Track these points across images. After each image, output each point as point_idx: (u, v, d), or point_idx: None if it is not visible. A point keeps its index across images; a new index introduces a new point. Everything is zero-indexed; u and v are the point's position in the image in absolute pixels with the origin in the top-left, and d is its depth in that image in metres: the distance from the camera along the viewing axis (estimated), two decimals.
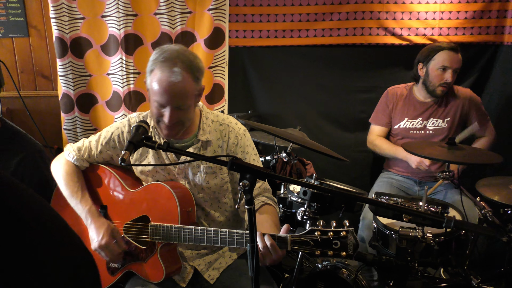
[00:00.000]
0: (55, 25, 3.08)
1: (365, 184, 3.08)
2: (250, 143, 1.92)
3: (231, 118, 1.93)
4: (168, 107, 1.67)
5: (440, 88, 2.74)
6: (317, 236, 1.49)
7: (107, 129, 1.94)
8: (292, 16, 3.33)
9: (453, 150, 2.10)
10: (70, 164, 1.91)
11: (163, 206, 1.76)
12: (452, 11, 3.29)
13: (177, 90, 1.65)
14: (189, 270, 1.86)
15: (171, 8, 3.15)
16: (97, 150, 1.92)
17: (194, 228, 1.68)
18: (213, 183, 1.86)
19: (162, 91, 1.65)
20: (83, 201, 1.83)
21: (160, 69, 1.65)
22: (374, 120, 3.04)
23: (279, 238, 1.53)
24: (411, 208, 1.93)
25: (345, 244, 1.47)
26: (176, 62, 1.64)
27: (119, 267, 1.83)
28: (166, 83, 1.64)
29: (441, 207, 1.98)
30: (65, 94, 3.22)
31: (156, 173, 1.90)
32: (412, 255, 1.97)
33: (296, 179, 2.73)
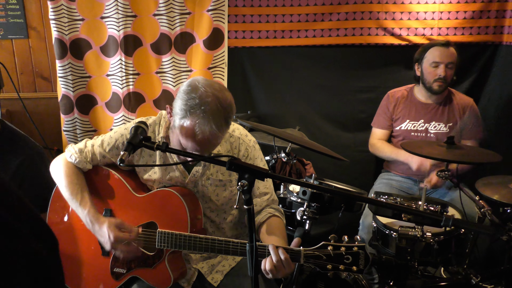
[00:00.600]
0: (55, 26, 3.09)
1: (365, 184, 3.07)
2: (259, 154, 1.91)
3: (241, 129, 1.90)
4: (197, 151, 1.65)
5: (436, 84, 2.76)
6: (329, 250, 1.51)
7: (111, 135, 1.89)
8: (291, 16, 3.33)
9: (452, 149, 2.10)
10: (71, 165, 1.87)
11: (172, 213, 1.73)
12: (451, 11, 3.29)
13: (213, 143, 1.67)
14: (193, 273, 1.86)
15: (170, 9, 3.16)
16: (101, 155, 1.88)
17: (204, 237, 1.66)
18: (222, 195, 1.85)
19: (198, 143, 1.62)
20: (82, 204, 1.79)
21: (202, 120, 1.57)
22: (375, 123, 3.04)
23: (292, 251, 1.54)
24: (410, 207, 1.93)
25: (356, 259, 1.49)
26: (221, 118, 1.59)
27: (124, 272, 1.80)
28: (204, 138, 1.60)
29: (440, 206, 1.99)
30: (64, 96, 3.22)
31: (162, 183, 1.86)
32: (412, 254, 1.97)
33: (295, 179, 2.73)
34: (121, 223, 1.74)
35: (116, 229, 1.71)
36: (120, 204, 1.85)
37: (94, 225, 1.75)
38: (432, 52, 2.76)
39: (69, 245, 1.90)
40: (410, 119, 2.87)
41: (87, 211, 1.78)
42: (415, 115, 2.86)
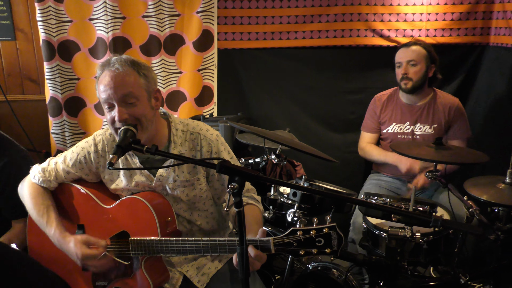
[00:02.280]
0: (42, 28, 3.06)
1: (355, 184, 3.09)
2: (225, 147, 1.87)
3: (201, 125, 1.87)
4: (115, 104, 1.64)
5: (402, 82, 2.81)
6: (299, 236, 1.47)
7: (73, 150, 1.87)
8: (281, 18, 3.34)
9: (440, 150, 2.12)
10: (35, 186, 1.86)
11: (140, 220, 1.71)
12: (439, 13, 3.33)
13: (118, 80, 1.62)
14: (178, 277, 1.84)
15: (160, 10, 3.14)
16: (64, 171, 1.86)
17: (175, 239, 1.64)
18: (192, 194, 1.83)
19: (104, 86, 1.63)
20: (48, 224, 1.76)
21: (100, 73, 1.67)
22: (364, 127, 3.08)
23: (262, 242, 1.52)
24: (400, 208, 1.94)
25: (329, 240, 1.45)
26: (114, 60, 1.66)
27: (105, 284, 1.78)
28: (107, 77, 1.63)
29: (429, 207, 2.00)
30: (52, 98, 3.19)
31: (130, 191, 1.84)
32: (401, 255, 1.98)
33: (285, 180, 2.73)
34: (87, 239, 1.71)
35: (83, 246, 1.68)
36: (90, 218, 1.82)
37: (62, 245, 1.73)
38: (397, 55, 2.86)
39: (51, 261, 1.86)
40: (396, 122, 2.90)
41: (53, 231, 1.75)
42: (401, 117, 2.89)
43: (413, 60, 2.76)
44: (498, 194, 2.04)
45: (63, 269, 1.85)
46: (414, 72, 2.77)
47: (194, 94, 3.34)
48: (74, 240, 1.70)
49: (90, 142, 1.85)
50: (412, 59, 2.76)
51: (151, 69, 1.74)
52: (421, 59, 2.76)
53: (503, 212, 2.03)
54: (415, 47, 2.79)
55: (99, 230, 1.78)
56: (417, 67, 2.76)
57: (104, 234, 1.76)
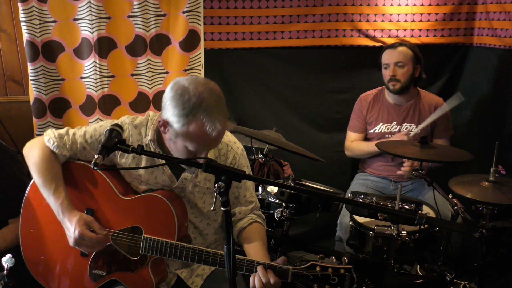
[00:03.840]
0: (26, 28, 3.01)
1: (342, 183, 3.11)
2: (246, 162, 1.89)
3: (230, 136, 1.87)
4: (203, 152, 1.63)
5: (390, 84, 2.84)
6: (317, 271, 1.53)
7: (95, 128, 1.78)
8: (267, 18, 3.34)
9: (425, 148, 2.14)
10: (48, 151, 1.75)
11: (159, 220, 1.70)
12: (423, 13, 3.37)
13: (219, 139, 1.63)
14: (172, 276, 1.83)
15: (145, 10, 3.12)
16: (81, 146, 1.77)
17: (192, 247, 1.64)
18: (208, 203, 1.83)
19: (212, 139, 1.57)
20: (56, 193, 1.70)
21: (208, 116, 1.54)
22: (350, 127, 3.09)
23: (281, 269, 1.55)
24: (386, 206, 1.96)
25: (342, 280, 1.51)
26: (223, 107, 1.60)
27: (103, 274, 1.76)
28: (218, 132, 1.55)
29: (415, 205, 2.02)
30: (37, 99, 3.15)
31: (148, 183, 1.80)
32: (388, 253, 2.00)
33: (273, 180, 2.74)
34: (92, 222, 1.68)
35: (84, 226, 1.65)
36: (103, 204, 1.77)
37: (65, 217, 1.68)
38: (383, 56, 2.88)
39: (46, 245, 1.83)
40: (383, 122, 2.92)
41: (60, 201, 1.69)
42: (388, 117, 2.91)
43: (401, 61, 2.79)
44: (482, 192, 2.07)
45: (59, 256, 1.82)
46: (402, 73, 2.79)
47: None
48: (79, 216, 1.67)
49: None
50: (399, 61, 2.79)
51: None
52: (408, 60, 2.79)
53: (487, 210, 2.06)
54: (402, 48, 2.81)
55: (110, 218, 1.75)
56: (404, 68, 2.79)
57: (115, 224, 1.73)
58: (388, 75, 2.82)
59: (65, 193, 1.73)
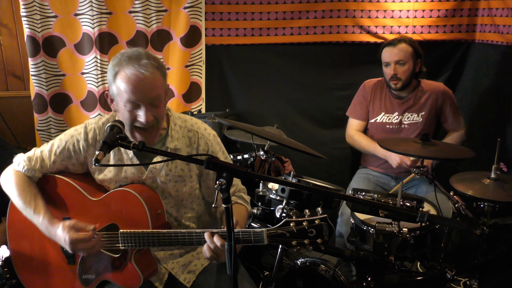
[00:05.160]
0: (27, 23, 3.01)
1: (343, 180, 3.10)
2: (220, 147, 1.90)
3: (199, 123, 1.88)
4: (142, 106, 1.63)
5: (391, 82, 2.83)
6: (292, 227, 1.51)
7: (61, 137, 1.83)
8: (269, 14, 3.33)
9: (427, 146, 2.13)
10: (20, 174, 1.80)
11: (131, 213, 1.70)
12: (425, 10, 3.35)
13: (149, 83, 1.61)
14: (164, 272, 1.83)
15: (146, 6, 3.12)
16: (50, 160, 1.81)
17: (167, 232, 1.64)
18: (182, 191, 1.83)
19: (134, 87, 1.60)
20: (36, 211, 1.73)
21: (126, 67, 1.61)
22: (351, 113, 3.06)
23: (255, 234, 1.54)
24: (387, 203, 1.96)
25: (320, 231, 1.49)
26: (142, 57, 1.62)
27: (93, 277, 1.77)
28: (136, 77, 1.59)
29: (416, 202, 2.02)
30: (38, 94, 3.15)
31: (118, 181, 1.82)
32: (389, 250, 2.00)
33: (274, 177, 2.74)
34: (75, 224, 1.68)
35: (72, 230, 1.65)
36: (77, 210, 1.79)
37: (50, 231, 1.70)
38: (383, 54, 2.86)
39: (34, 257, 1.84)
40: (385, 112, 2.91)
41: (41, 217, 1.72)
42: (390, 107, 2.91)
43: (401, 59, 2.77)
44: (484, 189, 2.07)
45: (47, 265, 1.83)
46: (403, 71, 2.78)
47: (182, 90, 3.32)
48: (62, 225, 1.67)
49: (79, 130, 1.82)
50: (400, 59, 2.77)
51: (165, 67, 1.75)
52: (408, 57, 2.78)
53: (488, 207, 2.05)
54: (401, 45, 2.79)
55: (86, 222, 1.73)
56: (405, 66, 2.78)
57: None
58: (389, 74, 2.81)
59: (45, 208, 1.75)
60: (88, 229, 1.67)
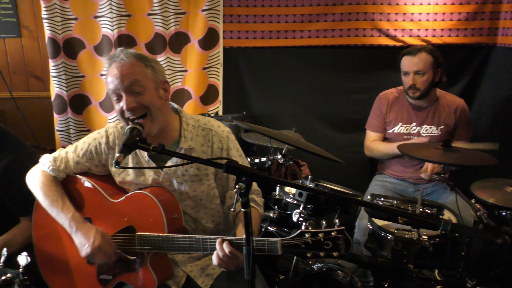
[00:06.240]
0: (48, 25, 3.06)
1: (360, 184, 3.06)
2: (235, 145, 1.89)
3: (213, 121, 1.89)
4: (123, 94, 1.66)
5: (410, 91, 2.77)
6: (307, 238, 1.47)
7: (84, 140, 1.89)
8: (286, 17, 3.32)
9: (448, 152, 2.10)
10: (46, 174, 1.86)
11: (148, 216, 1.71)
12: (446, 13, 3.31)
13: (124, 71, 1.65)
14: (182, 275, 1.83)
15: (165, 8, 3.13)
16: (74, 161, 1.87)
17: (182, 236, 1.64)
18: (200, 190, 1.83)
19: (111, 78, 1.67)
20: (65, 209, 1.77)
21: (108, 66, 1.70)
22: (369, 126, 3.04)
23: (269, 243, 1.52)
24: (407, 210, 1.93)
25: (336, 244, 1.45)
26: (119, 52, 1.70)
27: (110, 278, 1.79)
28: (113, 69, 1.67)
29: (436, 209, 1.98)
30: (58, 95, 3.19)
31: (138, 184, 1.85)
32: (407, 257, 1.96)
33: (291, 181, 2.72)
34: (106, 234, 1.73)
35: (103, 238, 1.71)
36: (97, 211, 1.82)
37: (79, 230, 1.73)
38: (402, 62, 2.79)
39: (57, 255, 1.88)
40: (402, 122, 2.87)
41: (71, 215, 1.76)
42: (408, 118, 2.86)
43: (421, 70, 2.70)
44: (506, 197, 2.02)
45: (69, 262, 1.86)
46: (422, 81, 2.72)
47: (200, 93, 3.33)
48: (96, 229, 1.72)
49: (102, 133, 1.87)
50: (419, 69, 2.70)
51: (158, 62, 1.77)
52: (428, 67, 2.71)
53: (510, 215, 2.01)
54: (421, 54, 2.71)
55: (105, 223, 1.78)
56: (424, 76, 2.71)
57: (110, 228, 1.77)
58: (408, 84, 2.75)
59: (73, 208, 1.80)
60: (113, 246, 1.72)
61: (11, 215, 2.10)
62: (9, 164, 2.03)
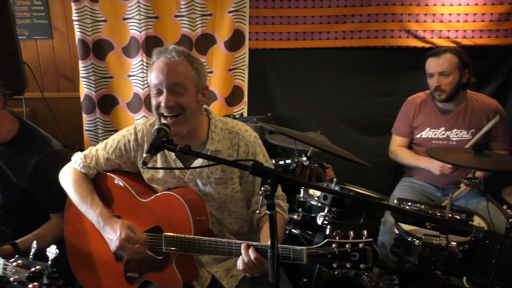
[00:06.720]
0: (78, 27, 3.12)
1: (385, 188, 3.02)
2: (261, 150, 1.89)
3: (241, 125, 1.89)
4: (164, 90, 1.68)
5: (435, 94, 2.73)
6: (334, 248, 1.45)
7: (114, 137, 1.92)
8: (313, 18, 3.30)
9: (479, 156, 2.04)
10: (77, 171, 1.90)
11: (175, 217, 1.73)
12: (477, 13, 3.22)
13: (172, 69, 1.67)
14: (207, 276, 1.84)
15: (192, 10, 3.16)
16: (104, 157, 1.90)
17: (208, 239, 1.65)
18: (224, 193, 1.84)
19: (158, 71, 1.68)
20: (93, 205, 1.81)
21: (156, 59, 1.71)
22: (395, 130, 3.00)
23: (295, 251, 1.51)
24: (435, 215, 1.89)
25: (364, 256, 1.43)
26: (170, 49, 1.70)
27: (136, 276, 1.81)
28: (161, 63, 1.68)
29: (466, 215, 1.93)
30: (86, 96, 3.26)
31: (166, 182, 1.87)
32: (435, 264, 1.92)
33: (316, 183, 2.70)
34: (133, 226, 1.75)
35: (129, 229, 1.72)
36: (126, 209, 1.85)
37: (106, 224, 1.76)
38: (427, 64, 2.75)
39: (87, 251, 1.92)
40: (430, 127, 2.81)
41: (99, 211, 1.79)
42: (436, 122, 2.80)
43: (446, 71, 2.65)
44: None
45: (98, 258, 1.90)
46: (447, 83, 2.66)
47: (225, 94, 3.34)
48: (122, 222, 1.75)
49: (131, 131, 1.90)
50: (444, 70, 2.65)
51: (203, 65, 1.79)
52: (453, 68, 2.65)
53: None
54: (446, 55, 2.66)
55: (133, 222, 1.80)
56: (450, 77, 2.66)
57: (138, 227, 1.78)
58: (433, 85, 2.70)
59: (101, 203, 1.83)
60: (142, 237, 1.73)
61: (42, 212, 2.15)
62: (40, 161, 2.09)
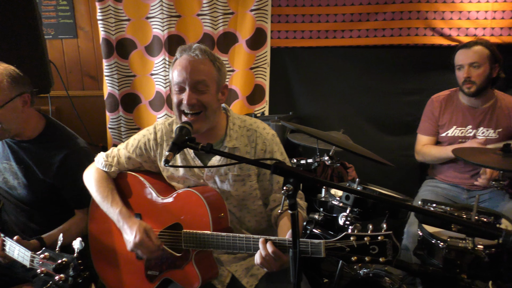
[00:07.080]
0: (102, 26, 3.17)
1: (408, 189, 2.96)
2: (279, 148, 1.88)
3: (259, 123, 1.89)
4: (187, 88, 1.69)
5: (464, 86, 2.67)
6: (352, 241, 1.42)
7: (134, 137, 1.96)
8: (335, 16, 3.27)
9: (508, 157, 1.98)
10: (99, 171, 1.95)
11: (194, 214, 1.73)
12: (506, 10, 3.13)
13: (195, 66, 1.68)
14: (227, 274, 1.84)
15: (214, 9, 3.17)
16: (126, 156, 1.94)
17: (226, 235, 1.65)
18: (242, 190, 1.84)
19: (181, 69, 1.69)
20: (113, 204, 1.84)
21: (180, 56, 1.73)
22: (420, 130, 2.93)
23: (312, 245, 1.48)
24: (461, 217, 1.84)
25: (383, 249, 1.39)
26: (194, 47, 1.72)
27: (157, 274, 1.83)
28: (185, 60, 1.70)
29: (493, 218, 1.88)
30: (110, 94, 3.30)
31: (186, 180, 1.88)
32: (460, 267, 1.87)
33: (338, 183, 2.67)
34: (150, 230, 1.76)
35: (145, 234, 1.73)
36: (147, 207, 1.87)
37: (125, 224, 1.79)
38: (457, 57, 2.71)
39: (109, 248, 1.95)
40: (457, 125, 2.74)
41: (119, 210, 1.82)
42: (463, 120, 2.73)
43: (476, 62, 2.60)
44: None
45: (119, 256, 1.93)
46: (477, 74, 2.60)
47: (246, 92, 3.34)
48: (139, 224, 1.76)
49: (151, 130, 1.93)
50: (474, 61, 2.60)
51: (224, 65, 1.80)
52: (484, 60, 2.60)
53: None
54: (477, 47, 2.62)
55: (155, 220, 1.82)
56: (480, 69, 2.60)
57: (159, 225, 1.80)
58: (462, 77, 2.64)
59: (121, 203, 1.86)
60: (157, 243, 1.74)
61: (67, 208, 2.19)
62: (65, 157, 2.12)
